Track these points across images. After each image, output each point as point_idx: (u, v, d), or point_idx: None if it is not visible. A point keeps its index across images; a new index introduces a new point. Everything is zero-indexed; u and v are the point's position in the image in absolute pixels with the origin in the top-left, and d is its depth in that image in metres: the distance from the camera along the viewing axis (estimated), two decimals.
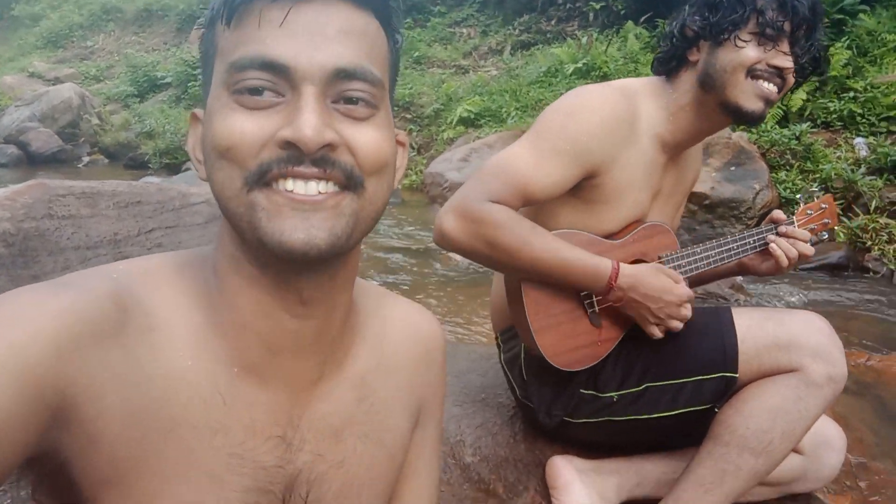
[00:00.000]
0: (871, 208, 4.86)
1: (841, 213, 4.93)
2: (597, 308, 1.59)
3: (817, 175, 5.18)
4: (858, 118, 5.78)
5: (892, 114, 5.60)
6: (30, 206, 2.99)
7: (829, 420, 1.75)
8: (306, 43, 0.67)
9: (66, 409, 0.64)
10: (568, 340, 1.58)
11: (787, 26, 1.51)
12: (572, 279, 1.52)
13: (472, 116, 8.27)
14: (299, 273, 0.73)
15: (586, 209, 1.59)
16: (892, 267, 4.42)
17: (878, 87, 5.75)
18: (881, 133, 5.54)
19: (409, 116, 9.42)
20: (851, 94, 6.00)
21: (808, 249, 1.72)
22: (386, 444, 0.87)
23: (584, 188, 1.57)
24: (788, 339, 1.51)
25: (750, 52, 1.52)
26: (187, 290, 0.75)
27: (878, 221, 4.74)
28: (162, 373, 0.70)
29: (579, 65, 8.27)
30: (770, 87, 1.54)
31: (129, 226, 3.25)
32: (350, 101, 0.69)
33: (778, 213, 1.78)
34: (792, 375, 1.49)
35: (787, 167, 5.61)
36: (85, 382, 0.65)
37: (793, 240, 1.72)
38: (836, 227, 4.33)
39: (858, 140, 5.44)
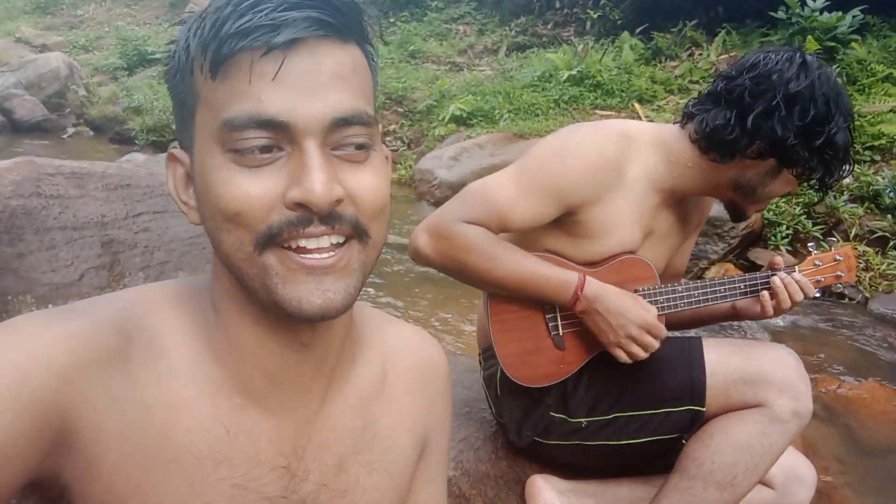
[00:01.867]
0: (851, 236, 4.94)
1: (821, 237, 5.02)
2: (561, 331, 1.63)
3: (801, 199, 5.25)
4: None
5: (876, 143, 5.69)
6: (18, 183, 2.96)
7: (800, 455, 1.80)
8: (302, 95, 0.65)
9: (67, 435, 0.65)
10: (529, 356, 1.63)
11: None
12: (541, 291, 1.56)
13: (465, 115, 8.26)
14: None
15: (569, 241, 1.63)
16: (868, 294, 4.50)
17: (865, 117, 5.83)
18: (865, 162, 5.63)
19: (401, 110, 9.39)
20: None
21: (799, 297, 1.66)
22: (391, 474, 0.87)
23: (566, 222, 1.60)
24: (756, 374, 1.55)
25: (791, 186, 1.58)
26: (189, 321, 0.75)
27: (856, 249, 4.83)
28: (164, 402, 0.70)
29: (573, 72, 8.27)
30: None
31: (117, 208, 3.23)
32: (349, 146, 0.69)
33: (777, 259, 1.74)
34: (758, 411, 1.53)
35: None
36: (87, 408, 0.66)
37: (793, 292, 1.66)
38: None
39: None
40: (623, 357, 1.59)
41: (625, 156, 1.58)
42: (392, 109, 9.40)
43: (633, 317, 1.55)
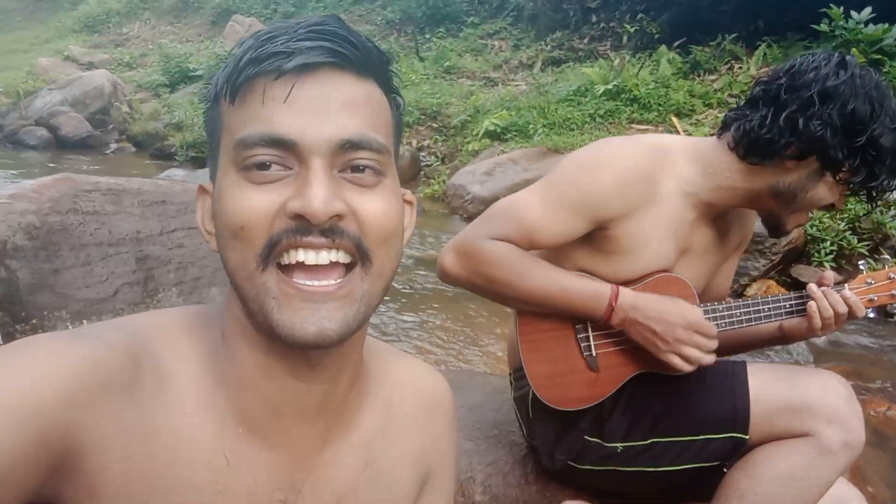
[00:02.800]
0: None
1: (867, 253, 4.86)
2: (594, 352, 1.57)
3: (845, 215, 5.10)
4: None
5: None
6: (56, 199, 3.01)
7: (850, 485, 1.71)
8: (311, 118, 0.68)
9: (71, 459, 0.64)
10: (561, 378, 1.57)
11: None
12: (572, 305, 1.51)
13: (499, 130, 8.24)
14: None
15: (601, 257, 1.58)
16: None
17: None
18: None
19: (435, 126, 9.42)
20: None
21: (843, 309, 1.57)
22: None
23: (596, 238, 1.55)
24: (802, 402, 1.47)
25: (833, 195, 1.50)
26: (197, 348, 0.75)
27: None
28: (169, 430, 0.70)
29: (609, 86, 8.20)
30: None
31: (152, 225, 3.27)
32: (357, 169, 0.70)
33: (827, 275, 1.64)
34: (805, 441, 1.46)
35: None
36: (93, 433, 0.65)
37: (834, 302, 1.58)
38: None
39: None
40: (679, 363, 1.50)
41: (658, 169, 1.53)
42: (426, 125, 9.43)
43: (675, 319, 1.49)
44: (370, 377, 0.88)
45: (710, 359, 1.51)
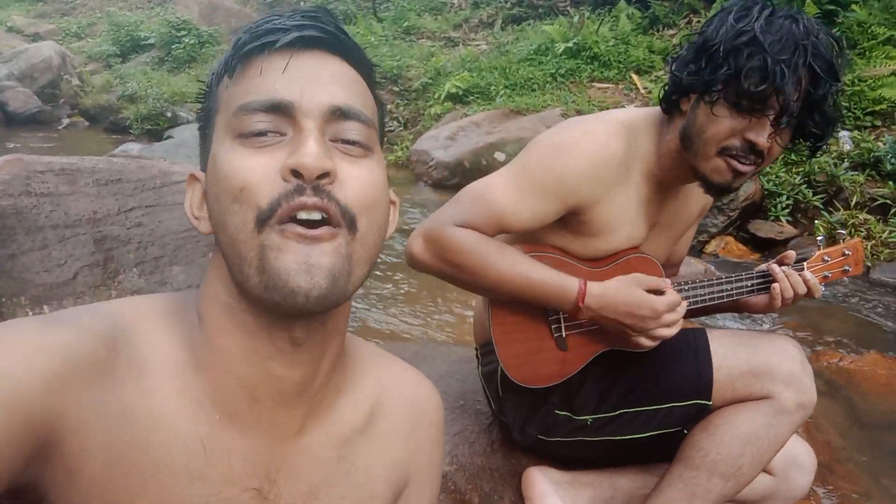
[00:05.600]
0: (852, 204, 4.90)
1: (821, 206, 4.97)
2: (563, 333, 1.60)
3: (800, 169, 5.20)
4: (845, 111, 5.79)
5: (877, 108, 5.62)
6: (7, 182, 2.93)
7: (800, 440, 1.79)
8: (306, 85, 0.74)
9: (51, 444, 0.65)
10: (530, 357, 1.59)
11: (770, 96, 1.33)
12: (539, 297, 1.51)
13: (461, 93, 8.18)
14: (294, 318, 0.74)
15: (574, 238, 1.59)
16: (869, 263, 4.47)
17: (866, 81, 5.76)
18: (866, 127, 5.56)
19: (396, 90, 9.30)
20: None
21: (802, 290, 1.63)
22: None
23: (569, 221, 1.56)
24: (762, 366, 1.53)
25: (724, 123, 1.38)
26: (177, 334, 0.76)
27: (857, 217, 4.79)
28: (146, 414, 0.71)
29: (570, 44, 8.17)
30: (744, 167, 1.41)
31: (109, 204, 3.20)
32: (347, 141, 0.75)
33: (789, 253, 1.69)
34: (764, 403, 1.52)
35: None
36: (72, 418, 0.66)
37: (795, 283, 1.63)
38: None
39: (843, 134, 5.46)
40: (647, 344, 1.54)
41: (628, 147, 1.52)
42: (388, 88, 9.30)
43: (645, 312, 1.50)
44: (352, 375, 0.89)
45: (674, 331, 1.54)
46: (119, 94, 10.51)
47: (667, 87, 1.53)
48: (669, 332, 1.53)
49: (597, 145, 1.49)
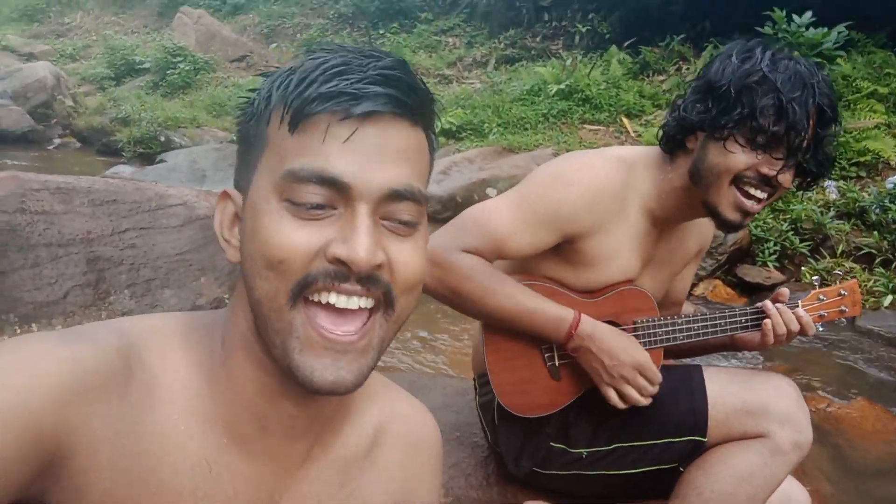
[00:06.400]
0: (838, 252, 4.97)
1: (808, 253, 5.04)
2: (557, 362, 1.61)
3: (788, 216, 5.28)
4: None
5: (862, 159, 5.75)
6: (2, 199, 2.91)
7: (795, 480, 1.79)
8: (367, 162, 0.69)
9: (60, 459, 0.65)
10: (524, 385, 1.60)
11: (784, 133, 1.39)
12: (535, 328, 1.54)
13: (454, 129, 8.28)
14: None
15: (568, 267, 1.61)
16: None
17: (851, 133, 5.89)
18: (851, 178, 5.68)
19: None
20: None
21: (795, 327, 1.63)
22: None
23: (564, 250, 1.58)
24: (757, 405, 1.54)
25: (739, 158, 1.43)
26: (191, 356, 0.76)
27: (843, 265, 4.86)
28: (155, 434, 0.71)
29: (562, 86, 8.31)
30: (752, 202, 1.46)
31: (103, 224, 3.18)
32: (398, 221, 0.72)
33: (783, 291, 1.70)
34: (759, 441, 1.53)
35: None
36: (83, 434, 0.66)
37: (788, 320, 1.63)
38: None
39: (829, 183, 5.57)
40: (614, 399, 1.56)
41: (624, 182, 1.56)
42: None
43: (625, 357, 1.53)
44: (358, 400, 0.89)
45: (646, 401, 1.56)
46: (112, 117, 10.49)
47: (665, 127, 1.58)
48: (636, 396, 1.54)
49: (595, 177, 1.54)
